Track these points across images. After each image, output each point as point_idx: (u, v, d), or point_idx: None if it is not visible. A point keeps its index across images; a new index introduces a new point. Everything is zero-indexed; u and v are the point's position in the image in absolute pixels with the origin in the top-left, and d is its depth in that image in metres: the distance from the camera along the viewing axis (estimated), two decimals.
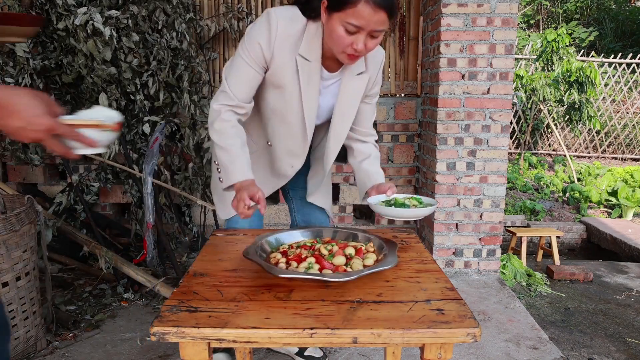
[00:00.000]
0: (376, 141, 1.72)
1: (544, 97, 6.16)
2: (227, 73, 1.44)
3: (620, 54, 7.77)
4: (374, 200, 1.48)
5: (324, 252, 1.23)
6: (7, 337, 1.02)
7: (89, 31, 2.42)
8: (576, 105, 6.15)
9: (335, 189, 3.43)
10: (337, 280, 1.05)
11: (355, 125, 1.64)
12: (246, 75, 1.42)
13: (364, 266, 1.16)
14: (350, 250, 1.23)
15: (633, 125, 7.70)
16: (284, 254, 1.23)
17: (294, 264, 1.16)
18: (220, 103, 1.42)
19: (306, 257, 1.19)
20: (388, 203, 1.45)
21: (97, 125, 0.95)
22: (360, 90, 1.53)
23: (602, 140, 7.79)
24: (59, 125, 0.86)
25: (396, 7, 1.29)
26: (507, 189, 5.69)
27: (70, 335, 2.23)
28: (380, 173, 1.63)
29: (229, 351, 1.94)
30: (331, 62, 1.45)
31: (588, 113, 6.14)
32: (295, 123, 1.52)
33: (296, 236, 1.37)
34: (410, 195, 1.52)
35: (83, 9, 2.39)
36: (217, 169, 1.46)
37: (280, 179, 1.69)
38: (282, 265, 1.15)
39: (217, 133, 1.42)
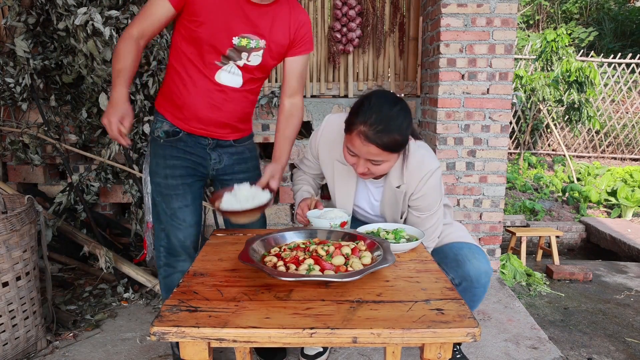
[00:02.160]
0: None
1: (543, 97, 6.16)
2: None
3: (619, 54, 7.77)
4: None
5: (322, 252, 1.23)
6: None
7: (89, 31, 2.42)
8: (576, 105, 6.15)
9: None
10: (343, 280, 1.05)
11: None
12: (308, 163, 1.79)
13: (363, 265, 1.16)
14: (346, 250, 1.23)
15: (632, 125, 7.70)
16: (278, 256, 1.23)
17: (293, 266, 1.16)
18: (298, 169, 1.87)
19: (304, 259, 1.19)
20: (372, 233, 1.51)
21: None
22: (399, 200, 1.59)
23: (602, 140, 7.79)
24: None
25: (396, 142, 1.36)
26: (506, 188, 5.69)
27: (71, 334, 2.23)
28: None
29: None
30: None
31: (587, 113, 6.15)
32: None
33: (288, 237, 1.37)
34: (397, 227, 1.54)
35: (83, 9, 2.39)
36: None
37: None
38: (282, 268, 1.15)
39: (296, 180, 1.82)
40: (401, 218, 1.65)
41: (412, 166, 1.53)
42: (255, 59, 1.62)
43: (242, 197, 1.47)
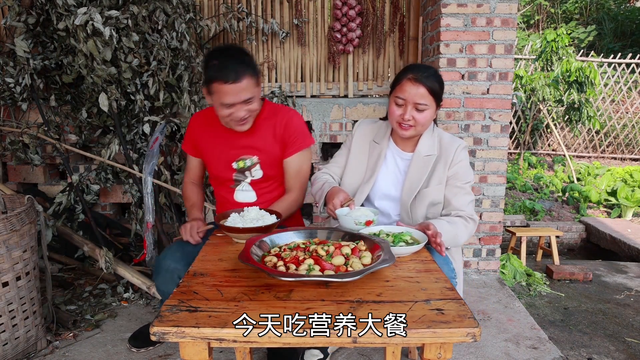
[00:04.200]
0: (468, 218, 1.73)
1: (543, 97, 6.16)
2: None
3: (619, 54, 7.77)
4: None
5: (322, 252, 1.23)
6: None
7: (89, 31, 2.42)
8: (576, 105, 6.15)
9: None
10: (343, 280, 1.05)
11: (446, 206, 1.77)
12: (337, 159, 1.93)
13: (363, 265, 1.16)
14: (346, 250, 1.23)
15: (632, 125, 7.70)
16: (278, 256, 1.23)
17: (293, 266, 1.16)
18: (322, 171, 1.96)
19: (304, 259, 1.19)
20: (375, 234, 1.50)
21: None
22: (427, 168, 1.74)
23: (602, 140, 7.79)
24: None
25: (437, 89, 1.68)
26: (506, 188, 5.69)
27: (71, 334, 2.23)
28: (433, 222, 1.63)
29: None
30: (404, 144, 1.81)
31: (587, 113, 6.14)
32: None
33: (288, 237, 1.37)
34: (402, 229, 1.51)
35: (83, 9, 2.39)
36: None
37: None
38: (282, 268, 1.15)
39: (316, 180, 1.87)
40: (417, 190, 1.73)
41: (446, 140, 1.78)
42: (257, 173, 1.88)
43: (248, 218, 1.54)
